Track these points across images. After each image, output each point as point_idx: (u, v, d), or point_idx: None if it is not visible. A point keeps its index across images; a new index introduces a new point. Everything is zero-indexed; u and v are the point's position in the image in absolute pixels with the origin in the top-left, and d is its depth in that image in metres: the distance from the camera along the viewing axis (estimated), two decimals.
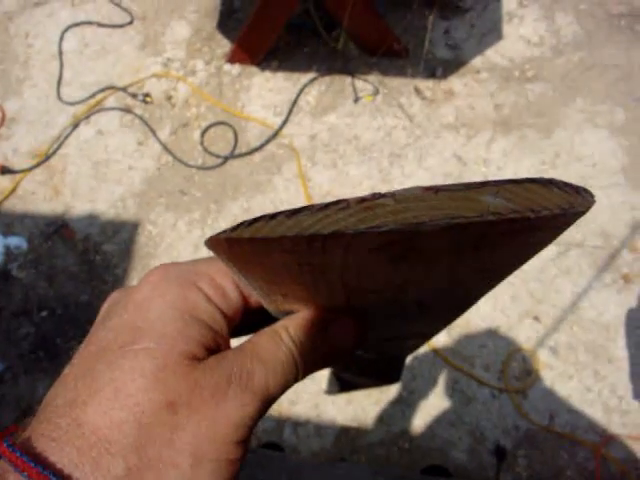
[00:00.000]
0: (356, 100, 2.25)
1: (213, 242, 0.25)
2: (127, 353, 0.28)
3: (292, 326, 0.31)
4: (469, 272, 0.26)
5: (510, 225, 0.21)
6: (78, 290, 2.02)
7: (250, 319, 0.35)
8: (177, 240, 2.07)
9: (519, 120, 2.20)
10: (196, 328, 0.30)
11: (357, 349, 0.33)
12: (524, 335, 1.88)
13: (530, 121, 2.19)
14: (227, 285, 0.33)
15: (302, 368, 0.32)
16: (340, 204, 0.21)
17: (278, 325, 0.32)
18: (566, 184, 0.22)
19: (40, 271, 2.06)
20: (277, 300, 0.30)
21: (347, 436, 1.80)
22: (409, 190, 0.21)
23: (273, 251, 0.23)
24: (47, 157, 2.23)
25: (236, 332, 0.33)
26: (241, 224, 0.23)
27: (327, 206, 0.21)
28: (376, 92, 2.27)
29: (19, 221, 2.14)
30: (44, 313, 2.00)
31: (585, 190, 0.22)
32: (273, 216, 0.22)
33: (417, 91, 2.26)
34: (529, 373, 1.83)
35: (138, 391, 0.27)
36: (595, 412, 1.78)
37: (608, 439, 1.75)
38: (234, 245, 0.24)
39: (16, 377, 1.90)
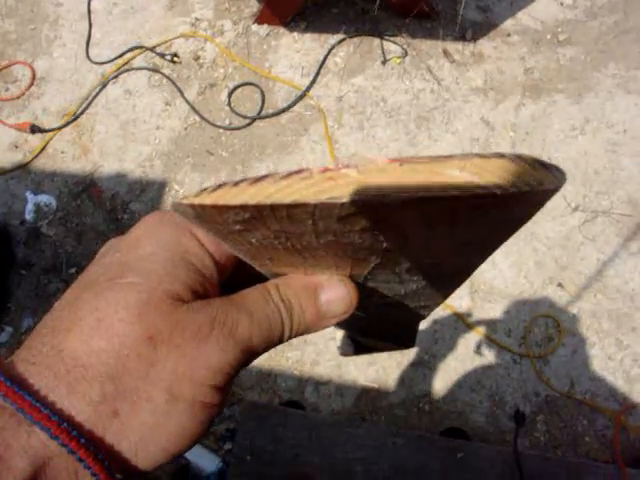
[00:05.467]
0: (384, 62, 2.23)
1: (178, 207, 0.25)
2: (114, 286, 0.29)
3: (282, 285, 0.32)
4: (448, 246, 0.26)
5: (477, 201, 0.20)
6: None
7: (245, 274, 0.34)
8: None
9: (549, 85, 2.16)
10: (184, 270, 0.30)
11: (348, 314, 0.33)
12: (547, 302, 1.87)
13: (560, 86, 2.15)
14: None
15: (289, 328, 0.32)
16: (302, 173, 0.21)
17: (269, 283, 0.32)
18: (536, 160, 0.21)
19: (69, 229, 2.10)
20: (267, 264, 0.31)
21: (368, 396, 1.82)
22: (373, 161, 0.20)
23: (243, 218, 0.23)
24: (76, 116, 2.25)
25: (230, 287, 0.33)
26: (204, 189, 0.23)
27: (290, 175, 0.21)
28: (404, 54, 2.24)
29: (49, 179, 2.17)
30: (73, 270, 2.04)
31: (557, 168, 0.22)
32: (236, 183, 0.22)
33: (446, 54, 2.23)
34: (551, 339, 1.83)
35: (120, 322, 0.27)
36: (616, 380, 1.78)
37: (628, 407, 1.75)
38: (198, 211, 0.24)
39: None
